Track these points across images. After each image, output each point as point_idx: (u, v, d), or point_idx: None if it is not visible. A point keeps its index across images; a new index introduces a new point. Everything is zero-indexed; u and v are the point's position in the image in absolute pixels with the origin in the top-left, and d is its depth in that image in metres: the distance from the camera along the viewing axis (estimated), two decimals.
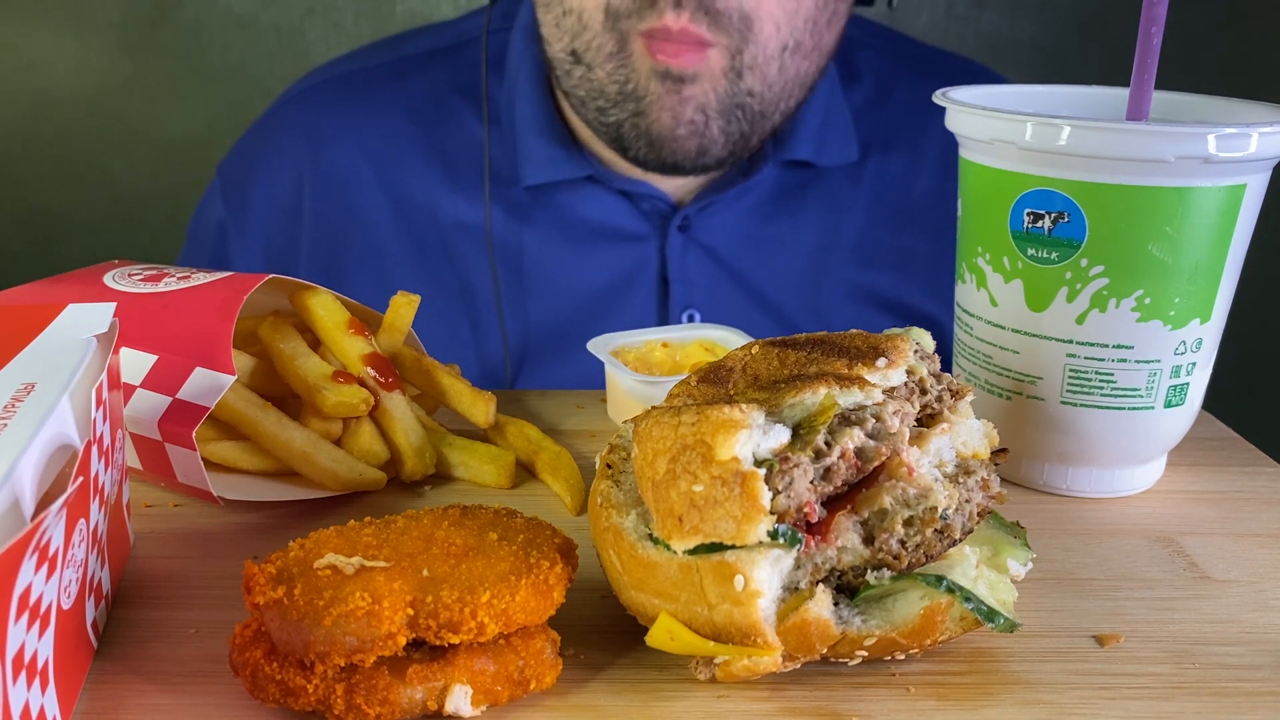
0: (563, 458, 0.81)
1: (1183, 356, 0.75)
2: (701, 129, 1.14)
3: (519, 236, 1.28)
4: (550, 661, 0.56)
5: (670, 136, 1.14)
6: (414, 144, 1.31)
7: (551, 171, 1.25)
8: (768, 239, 1.29)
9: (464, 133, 1.30)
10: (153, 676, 0.58)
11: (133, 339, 0.74)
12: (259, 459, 0.78)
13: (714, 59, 1.10)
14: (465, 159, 1.29)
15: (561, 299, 1.29)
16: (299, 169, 1.32)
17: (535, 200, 1.27)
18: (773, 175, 1.28)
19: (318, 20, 2.42)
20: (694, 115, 1.13)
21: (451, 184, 1.29)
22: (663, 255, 1.27)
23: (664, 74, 1.11)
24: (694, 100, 1.12)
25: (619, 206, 1.27)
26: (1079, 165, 0.71)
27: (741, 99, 1.14)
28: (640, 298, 1.28)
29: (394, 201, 1.30)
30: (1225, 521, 0.77)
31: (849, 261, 1.32)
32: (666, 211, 1.27)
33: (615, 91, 1.15)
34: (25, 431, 0.50)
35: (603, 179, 1.25)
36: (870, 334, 0.64)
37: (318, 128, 1.33)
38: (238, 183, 1.36)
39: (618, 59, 1.12)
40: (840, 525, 0.55)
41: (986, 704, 0.57)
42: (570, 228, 1.28)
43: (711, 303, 1.29)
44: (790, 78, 1.16)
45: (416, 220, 1.30)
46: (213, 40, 2.41)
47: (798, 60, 1.15)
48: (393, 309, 0.84)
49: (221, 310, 0.74)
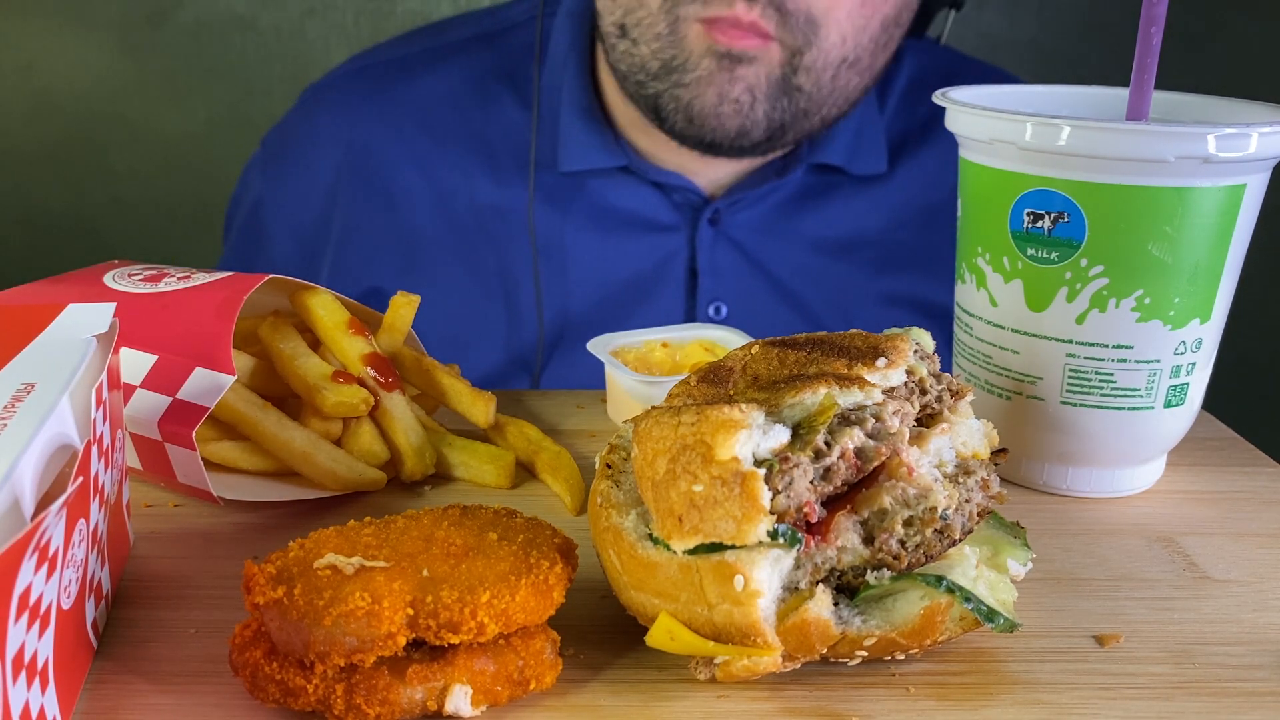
0: (563, 458, 0.81)
1: (1182, 356, 0.75)
2: (747, 109, 1.16)
3: (554, 223, 1.30)
4: (550, 661, 0.56)
5: (712, 114, 1.16)
6: (452, 129, 1.33)
7: (588, 159, 1.27)
8: (795, 236, 1.31)
9: (504, 118, 1.32)
10: (153, 676, 0.58)
11: (133, 339, 0.74)
12: (259, 459, 0.77)
13: (774, 50, 1.13)
14: (504, 144, 1.31)
15: (593, 287, 1.30)
16: (336, 150, 1.34)
17: (570, 187, 1.29)
18: (804, 176, 1.30)
19: (318, 20, 2.42)
20: (741, 95, 1.15)
21: (489, 169, 1.31)
22: (692, 247, 1.29)
23: (723, 54, 1.13)
24: (745, 80, 1.14)
25: (651, 197, 1.29)
26: (1079, 165, 0.71)
27: (790, 90, 1.16)
28: (669, 288, 1.30)
29: (431, 185, 1.31)
30: (1225, 521, 0.77)
31: (875, 260, 1.33)
32: (698, 204, 1.29)
33: (658, 66, 1.17)
34: (25, 431, 0.50)
35: (637, 169, 1.28)
36: (870, 334, 0.64)
37: (357, 111, 1.35)
38: (277, 158, 1.37)
39: (667, 39, 1.15)
40: (840, 525, 0.55)
41: (986, 704, 0.57)
42: (603, 216, 1.30)
43: (739, 297, 1.30)
44: (840, 89, 1.19)
45: (452, 205, 1.31)
46: (213, 40, 2.41)
47: (851, 75, 1.18)
48: (392, 309, 0.84)
49: (221, 310, 0.74)
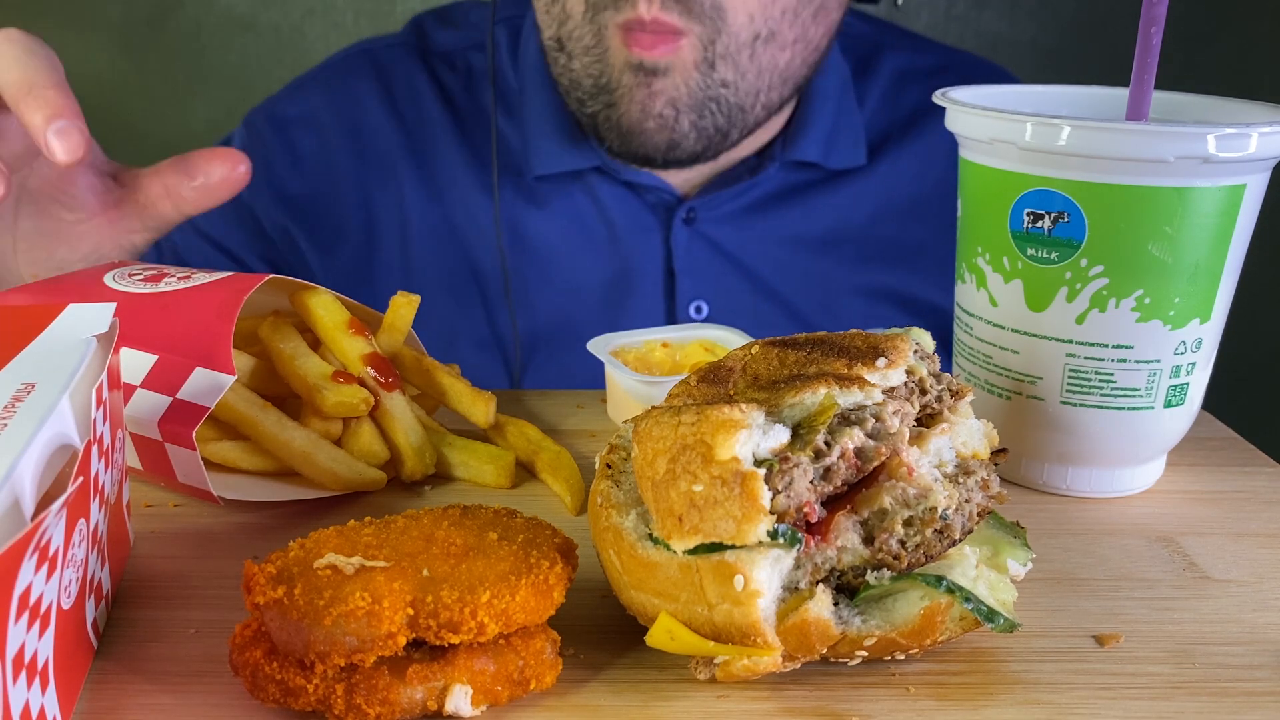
0: (563, 458, 0.81)
1: (1182, 356, 0.75)
2: (671, 123, 1.15)
3: (528, 226, 1.29)
4: (550, 661, 0.56)
5: (639, 129, 1.15)
6: (442, 124, 1.33)
7: (559, 162, 1.27)
8: (774, 233, 1.30)
9: (486, 119, 1.32)
10: (153, 676, 0.58)
11: (133, 339, 0.74)
12: (259, 459, 0.77)
13: (686, 50, 1.11)
14: (486, 145, 1.31)
15: (570, 289, 1.30)
16: (333, 129, 1.34)
17: (544, 190, 1.29)
18: (780, 174, 1.29)
19: (318, 20, 2.43)
20: (663, 109, 1.14)
21: (472, 168, 1.31)
22: (668, 247, 1.28)
23: (637, 66, 1.12)
24: (664, 94, 1.13)
25: (625, 198, 1.28)
26: (1079, 165, 0.71)
27: (715, 91, 1.14)
28: (648, 289, 1.30)
29: (422, 178, 1.31)
30: (1225, 521, 0.77)
31: (857, 255, 1.32)
32: (671, 204, 1.28)
33: (591, 84, 1.17)
34: (25, 431, 0.50)
35: (609, 170, 1.27)
36: (870, 334, 0.64)
37: (355, 91, 1.35)
38: (263, 154, 1.35)
39: (594, 52, 1.14)
40: (840, 525, 0.55)
41: (986, 704, 0.57)
42: (578, 218, 1.29)
43: (719, 295, 1.30)
44: (765, 67, 1.16)
45: (440, 200, 1.31)
46: (213, 40, 2.41)
47: (773, 50, 1.15)
48: (393, 309, 0.84)
49: (221, 310, 0.74)
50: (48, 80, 0.82)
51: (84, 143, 0.80)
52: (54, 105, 0.80)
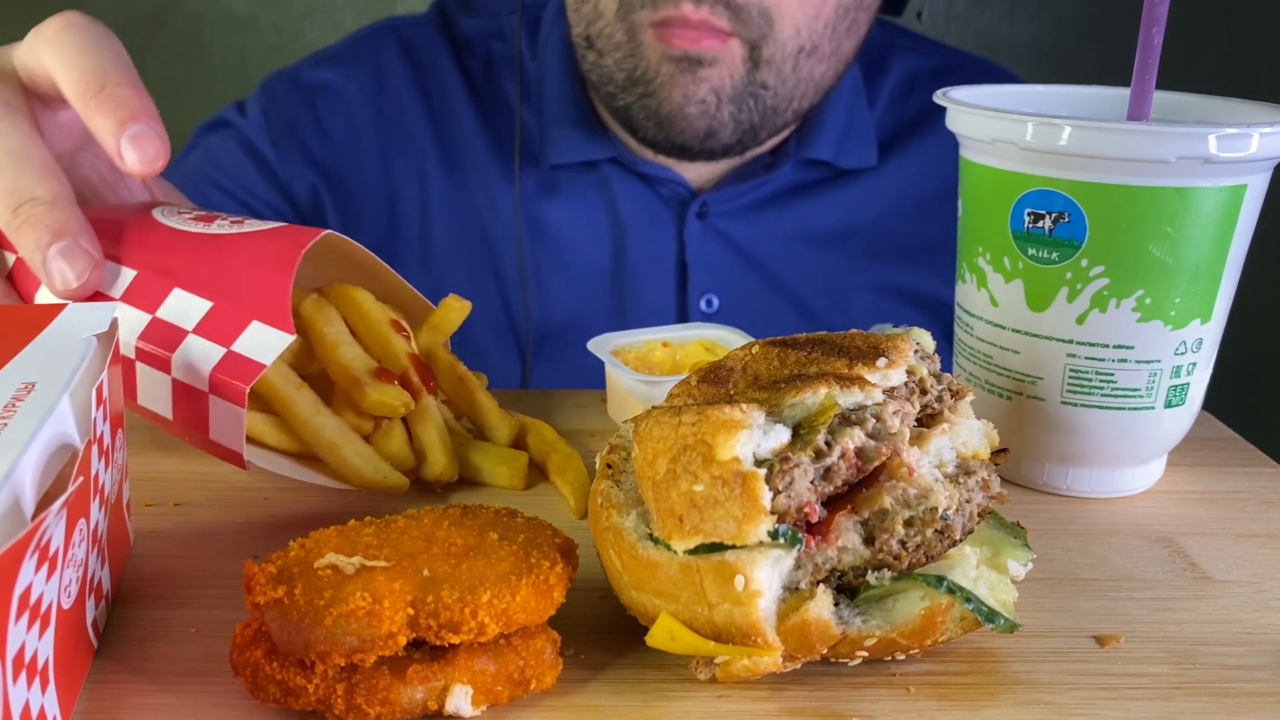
0: (572, 460, 0.81)
1: (1183, 357, 0.75)
2: (712, 110, 1.16)
3: (544, 214, 1.30)
4: (550, 661, 0.56)
5: (680, 114, 1.16)
6: (465, 107, 1.33)
7: (575, 152, 1.28)
8: (785, 228, 1.32)
9: (505, 106, 1.32)
10: (153, 676, 0.58)
11: (185, 280, 0.71)
12: (285, 437, 0.76)
13: (734, 47, 1.13)
14: (507, 131, 1.32)
15: (584, 278, 1.31)
16: (359, 100, 1.33)
17: (560, 180, 1.30)
18: (793, 172, 1.31)
19: (318, 20, 2.43)
20: (706, 96, 1.15)
21: (492, 154, 1.31)
22: (680, 241, 1.29)
23: (679, 58, 1.13)
24: (709, 82, 1.14)
25: (639, 190, 1.29)
26: (1080, 165, 0.71)
27: (755, 89, 1.16)
28: (659, 282, 1.30)
29: (445, 158, 1.32)
30: (1225, 521, 0.77)
31: (866, 251, 1.34)
32: (685, 197, 1.29)
33: (624, 78, 1.18)
34: (25, 431, 0.50)
35: (625, 162, 1.28)
36: (870, 333, 0.64)
37: (383, 65, 1.35)
38: (288, 116, 1.34)
39: (626, 48, 1.15)
40: (840, 525, 0.55)
41: (986, 704, 0.57)
42: (592, 209, 1.30)
43: (730, 289, 1.31)
44: (804, 78, 1.18)
45: (462, 183, 1.32)
46: (213, 40, 2.41)
47: (813, 63, 1.18)
48: (443, 309, 0.83)
49: (280, 262, 0.70)
50: (121, 77, 0.73)
51: (163, 150, 0.71)
52: (129, 106, 0.72)
